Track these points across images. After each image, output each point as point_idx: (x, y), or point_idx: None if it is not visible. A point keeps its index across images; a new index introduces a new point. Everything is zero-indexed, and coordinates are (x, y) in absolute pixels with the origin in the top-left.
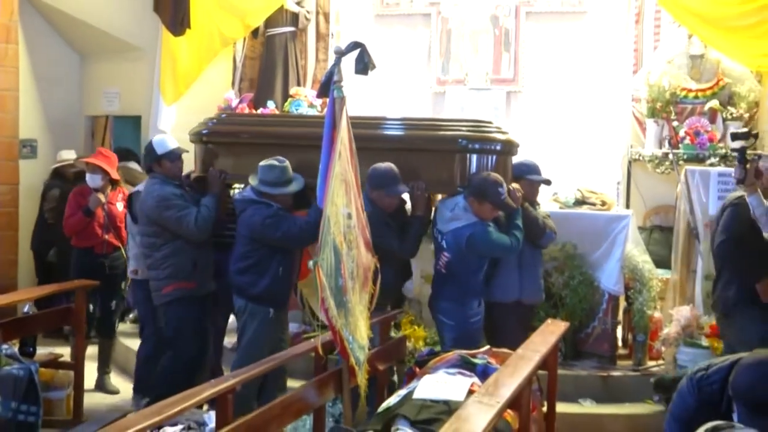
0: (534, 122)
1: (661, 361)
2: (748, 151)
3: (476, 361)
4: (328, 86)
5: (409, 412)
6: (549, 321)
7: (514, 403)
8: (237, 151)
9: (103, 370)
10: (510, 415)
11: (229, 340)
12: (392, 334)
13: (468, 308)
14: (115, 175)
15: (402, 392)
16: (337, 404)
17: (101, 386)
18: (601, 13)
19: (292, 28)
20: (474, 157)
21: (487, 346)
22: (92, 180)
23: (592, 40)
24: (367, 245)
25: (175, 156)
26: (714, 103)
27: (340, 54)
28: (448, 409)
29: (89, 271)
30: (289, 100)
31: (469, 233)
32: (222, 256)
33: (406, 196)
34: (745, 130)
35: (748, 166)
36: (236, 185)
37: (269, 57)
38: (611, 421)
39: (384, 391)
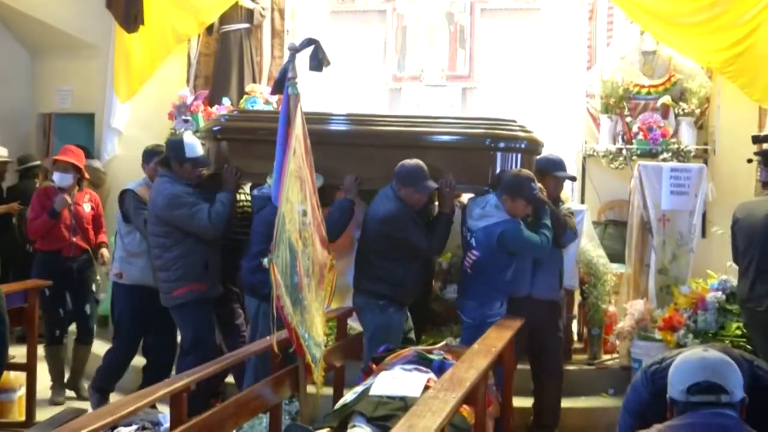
0: None
1: (615, 355)
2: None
3: (432, 356)
4: (282, 83)
5: (365, 408)
6: (505, 317)
7: (470, 397)
8: (251, 148)
9: (76, 376)
10: (466, 410)
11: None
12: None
13: (488, 308)
14: (86, 173)
15: (358, 389)
16: (294, 402)
17: (77, 391)
18: (555, 10)
19: (246, 25)
20: (500, 155)
21: (444, 342)
22: (62, 179)
23: (546, 36)
24: (322, 242)
25: (200, 163)
26: (666, 99)
27: (294, 51)
28: (405, 404)
29: (56, 275)
30: (245, 97)
31: (501, 230)
32: (230, 260)
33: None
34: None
35: None
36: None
37: (224, 54)
38: (567, 414)
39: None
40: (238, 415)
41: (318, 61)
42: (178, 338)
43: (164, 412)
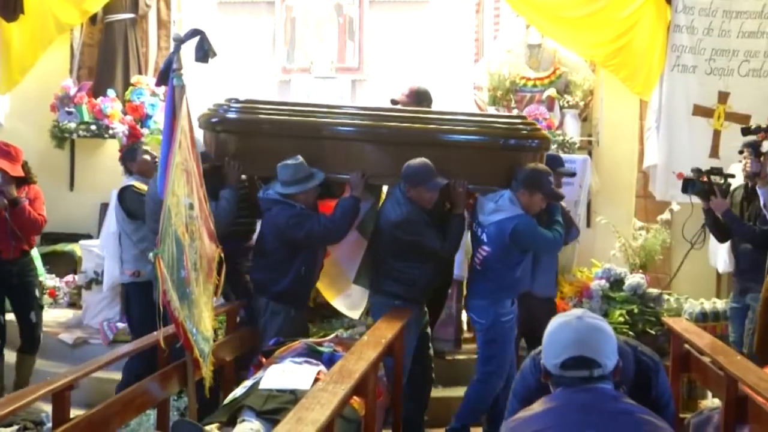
0: None
1: None
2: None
3: (322, 349)
4: (167, 74)
5: (255, 402)
6: (394, 308)
7: (359, 389)
8: (251, 140)
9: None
10: (356, 401)
11: None
12: None
13: (500, 307)
14: (18, 171)
15: (248, 383)
16: (183, 397)
17: None
18: (443, 3)
19: (131, 15)
20: (513, 154)
21: (334, 334)
22: None
23: (434, 29)
24: (210, 236)
25: (204, 158)
26: (551, 92)
27: (179, 41)
28: (295, 398)
29: None
30: (131, 88)
31: (514, 224)
32: (232, 246)
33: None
34: (756, 125)
35: (762, 159)
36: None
37: (108, 44)
38: (458, 403)
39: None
40: (124, 413)
41: (204, 53)
42: None
43: (47, 411)
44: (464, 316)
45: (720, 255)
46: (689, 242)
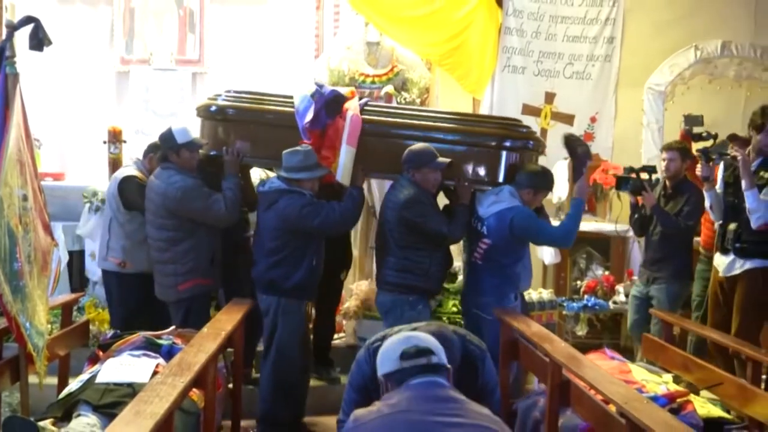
0: None
1: (342, 334)
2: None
3: (161, 341)
4: None
5: (91, 396)
6: (233, 300)
7: (199, 381)
8: (250, 129)
9: None
10: (196, 393)
11: None
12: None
13: (507, 301)
14: None
15: (84, 377)
16: (15, 393)
17: None
18: None
19: None
20: (508, 154)
21: (173, 326)
22: None
23: (276, 24)
24: (45, 228)
25: (195, 147)
26: (389, 88)
27: (12, 28)
28: (133, 391)
29: None
30: None
31: (513, 214)
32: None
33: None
34: (706, 132)
35: (711, 164)
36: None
37: None
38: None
39: None
40: None
41: (38, 41)
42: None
43: None
44: None
45: (546, 249)
46: None
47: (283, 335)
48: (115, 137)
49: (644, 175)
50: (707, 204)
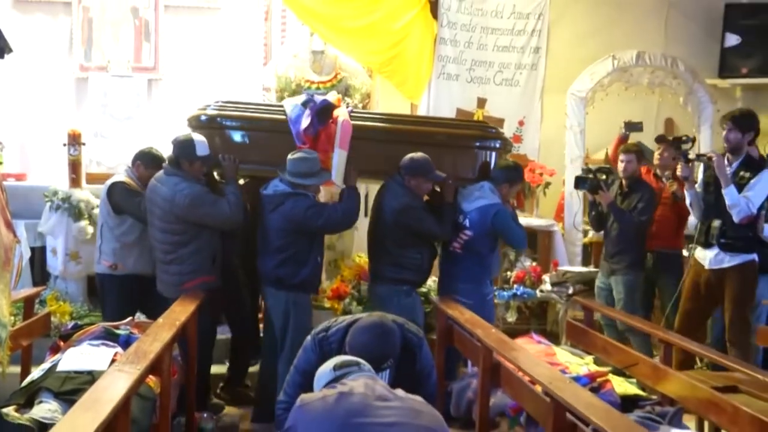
0: (174, 108)
1: None
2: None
3: (119, 331)
4: None
5: (52, 384)
6: (186, 294)
7: (155, 368)
8: (242, 138)
9: None
10: (152, 380)
11: None
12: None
13: (484, 287)
14: None
15: (46, 366)
16: None
17: None
18: (234, 10)
19: None
20: (482, 153)
21: (130, 317)
22: None
23: (226, 33)
24: (7, 225)
25: (209, 161)
26: (333, 94)
27: None
28: (92, 378)
29: None
30: None
31: (495, 210)
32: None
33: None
34: (685, 136)
35: (690, 165)
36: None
37: None
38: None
39: None
40: None
41: None
42: None
43: None
44: None
45: None
46: None
47: (297, 325)
48: (74, 140)
49: (601, 176)
50: (687, 202)
